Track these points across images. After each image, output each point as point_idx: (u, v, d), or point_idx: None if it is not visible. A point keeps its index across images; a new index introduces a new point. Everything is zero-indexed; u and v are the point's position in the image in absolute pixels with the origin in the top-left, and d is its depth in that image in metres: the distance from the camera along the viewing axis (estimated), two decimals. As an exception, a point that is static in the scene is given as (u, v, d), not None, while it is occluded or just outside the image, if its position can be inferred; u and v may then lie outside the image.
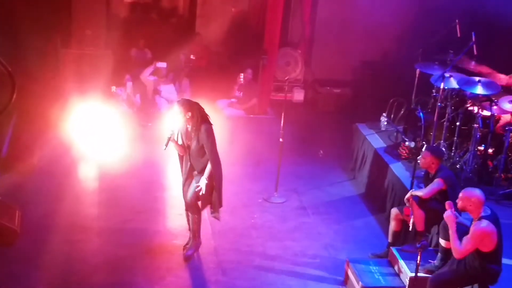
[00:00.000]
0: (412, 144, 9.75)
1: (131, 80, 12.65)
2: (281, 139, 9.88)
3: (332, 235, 9.11)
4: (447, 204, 6.92)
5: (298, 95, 14.21)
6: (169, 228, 8.84)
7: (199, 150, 7.75)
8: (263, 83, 13.13)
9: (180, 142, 7.88)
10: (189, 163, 7.97)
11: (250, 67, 13.07)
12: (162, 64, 12.76)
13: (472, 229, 6.64)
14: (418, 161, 8.35)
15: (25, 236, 8.29)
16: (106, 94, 12.12)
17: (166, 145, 7.70)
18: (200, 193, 7.81)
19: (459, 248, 6.65)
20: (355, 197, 10.28)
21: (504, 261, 6.88)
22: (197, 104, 7.73)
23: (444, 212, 7.52)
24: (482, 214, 6.70)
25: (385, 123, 10.86)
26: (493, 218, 6.70)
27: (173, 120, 7.74)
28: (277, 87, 13.57)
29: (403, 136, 10.16)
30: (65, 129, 10.99)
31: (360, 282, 7.56)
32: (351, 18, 13.64)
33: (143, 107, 12.63)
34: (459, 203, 6.79)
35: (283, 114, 9.79)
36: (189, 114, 7.63)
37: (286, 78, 10.55)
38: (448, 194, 7.76)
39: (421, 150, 9.11)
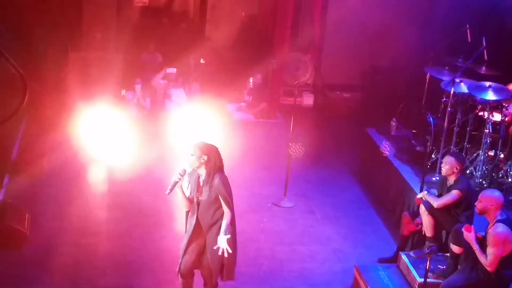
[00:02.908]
0: (421, 149, 9.71)
1: (141, 84, 12.67)
2: (290, 144, 9.87)
3: (341, 239, 9.09)
4: (467, 228, 6.89)
5: (308, 100, 14.19)
6: (178, 232, 8.83)
7: (212, 204, 6.49)
8: (272, 87, 13.13)
9: (187, 194, 6.65)
10: (194, 220, 6.63)
11: (259, 71, 13.07)
12: (172, 70, 12.81)
13: (491, 236, 6.62)
14: (428, 166, 8.31)
15: (34, 239, 8.34)
16: (116, 98, 12.14)
17: (171, 190, 6.52)
18: (225, 254, 6.47)
19: (488, 262, 6.64)
20: (364, 202, 10.25)
21: None
22: (215, 148, 6.54)
23: (454, 218, 7.52)
24: (498, 217, 6.69)
25: (395, 128, 10.81)
26: (508, 222, 6.68)
27: (182, 164, 6.63)
28: (287, 92, 13.54)
29: (413, 141, 10.12)
30: (74, 132, 11.01)
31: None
32: (361, 22, 13.61)
33: (153, 111, 12.64)
34: (479, 205, 6.81)
35: (292, 118, 9.79)
36: (205, 157, 6.41)
37: (295, 83, 10.53)
38: (462, 205, 7.72)
39: (431, 156, 9.10)
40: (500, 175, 9.18)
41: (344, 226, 9.44)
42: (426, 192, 8.11)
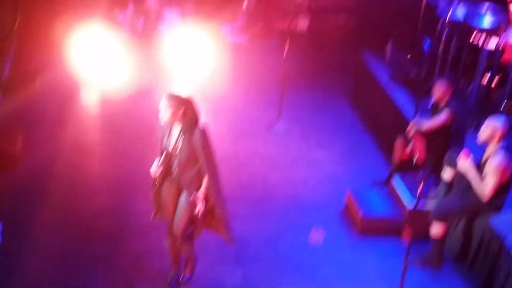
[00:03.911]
0: (416, 74, 9.66)
1: (133, 4, 12.42)
2: (284, 67, 9.79)
3: (334, 164, 9.11)
4: (465, 152, 6.87)
5: (303, 23, 13.98)
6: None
7: (188, 159, 6.03)
8: (267, 9, 12.91)
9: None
10: (171, 176, 6.21)
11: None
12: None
13: (493, 165, 6.59)
14: (422, 92, 8.28)
15: (27, 161, 8.36)
16: (109, 19, 11.93)
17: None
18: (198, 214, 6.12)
19: (486, 190, 6.65)
20: (358, 126, 10.23)
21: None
22: (191, 100, 6.05)
23: (445, 142, 7.52)
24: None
25: (390, 52, 10.71)
26: (509, 150, 6.67)
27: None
28: (282, 15, 13.31)
29: (407, 66, 10.04)
30: (66, 53, 10.86)
31: (360, 211, 7.59)
32: None
33: (146, 32, 12.44)
34: (486, 132, 6.73)
35: (287, 42, 9.67)
36: (182, 110, 5.95)
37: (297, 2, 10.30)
38: (453, 127, 7.72)
39: (426, 81, 9.05)
40: (492, 102, 9.15)
41: (337, 151, 9.45)
42: (415, 119, 8.11)
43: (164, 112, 5.94)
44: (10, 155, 8.27)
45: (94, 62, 10.82)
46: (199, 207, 6.06)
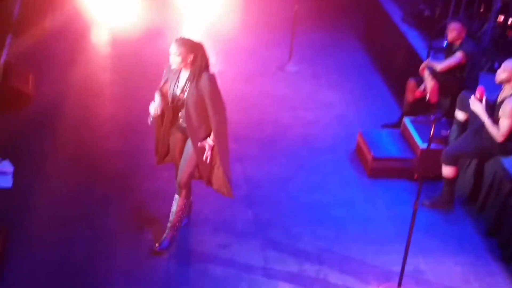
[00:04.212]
0: (430, 14, 9.52)
1: None
2: (296, 6, 9.67)
3: (345, 105, 9.07)
4: (480, 89, 6.80)
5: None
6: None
7: (195, 106, 5.81)
8: None
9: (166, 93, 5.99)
10: (174, 121, 6.06)
11: None
12: None
13: (508, 107, 6.50)
14: (436, 32, 8.17)
15: (38, 100, 8.37)
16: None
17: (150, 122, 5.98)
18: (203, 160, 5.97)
19: (500, 133, 6.61)
20: (369, 67, 10.15)
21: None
22: (202, 45, 5.82)
23: (459, 82, 7.45)
24: None
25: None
26: None
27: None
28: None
29: (421, 5, 9.89)
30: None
31: (371, 152, 7.59)
32: None
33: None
34: (504, 74, 6.59)
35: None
36: (191, 56, 5.74)
37: None
38: (467, 68, 7.65)
39: (440, 21, 8.92)
40: (507, 43, 9.03)
41: (348, 91, 9.40)
42: (428, 59, 8.03)
43: (174, 57, 5.75)
44: (22, 94, 8.28)
45: (104, 2, 10.74)
46: (207, 153, 5.95)
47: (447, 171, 6.99)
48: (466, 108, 7.05)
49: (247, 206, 7.01)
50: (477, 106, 6.74)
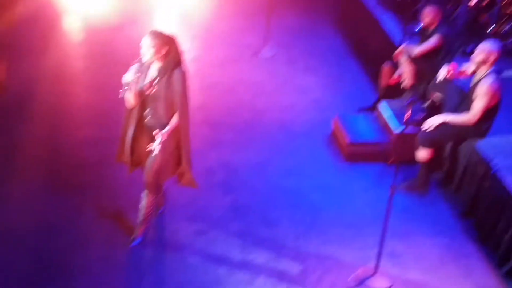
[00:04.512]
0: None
1: None
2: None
3: (321, 89, 9.08)
4: (453, 65, 6.83)
5: None
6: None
7: (164, 99, 5.69)
8: None
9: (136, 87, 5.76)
10: (141, 115, 5.88)
11: None
12: None
13: (484, 86, 6.54)
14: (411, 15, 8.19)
15: (10, 87, 8.27)
16: None
17: (124, 92, 5.74)
18: (154, 154, 5.78)
19: (473, 112, 6.64)
20: (345, 52, 10.16)
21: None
22: (175, 39, 5.66)
23: (434, 66, 7.47)
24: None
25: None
26: (499, 72, 6.63)
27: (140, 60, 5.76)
28: None
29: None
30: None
31: (347, 137, 7.60)
32: None
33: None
34: (481, 56, 6.61)
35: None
36: (165, 50, 5.61)
37: None
38: (442, 52, 7.68)
39: (413, 4, 8.93)
40: (481, 25, 9.07)
41: (324, 76, 9.40)
42: (405, 44, 8.04)
43: (146, 50, 5.59)
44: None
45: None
46: (158, 144, 5.71)
47: (422, 154, 7.02)
48: (442, 89, 7.08)
49: (224, 193, 6.99)
50: (438, 118, 6.84)
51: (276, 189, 7.13)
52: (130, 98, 5.76)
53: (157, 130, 5.74)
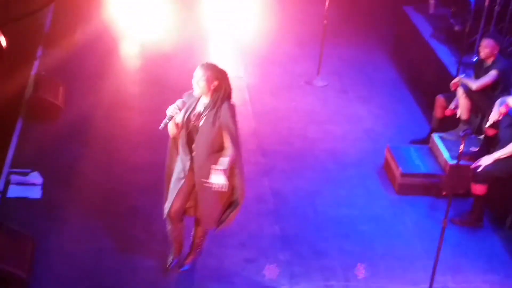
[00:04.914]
0: (460, 28, 9.45)
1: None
2: (325, 21, 9.66)
3: (373, 119, 9.04)
4: (506, 106, 6.78)
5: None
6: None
7: (211, 134, 5.61)
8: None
9: (179, 119, 5.76)
10: (189, 161, 5.78)
11: None
12: None
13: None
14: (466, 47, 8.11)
15: (68, 112, 8.44)
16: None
17: (165, 125, 5.75)
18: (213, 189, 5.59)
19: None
20: (398, 82, 10.10)
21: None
22: (227, 73, 5.63)
23: (491, 100, 7.38)
24: None
25: (433, 5, 10.50)
26: None
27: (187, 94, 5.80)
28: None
29: (451, 20, 9.83)
30: (107, 5, 10.88)
31: (399, 168, 7.54)
32: None
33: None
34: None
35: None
36: (216, 83, 5.57)
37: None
38: (499, 86, 7.59)
39: (470, 36, 8.85)
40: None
41: (377, 106, 9.37)
42: (463, 75, 7.97)
43: (198, 82, 5.58)
44: (52, 106, 8.36)
45: (133, 15, 10.83)
46: (225, 183, 5.54)
47: (477, 188, 6.92)
48: (495, 125, 6.99)
49: (274, 221, 6.99)
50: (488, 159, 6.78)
51: (326, 219, 7.11)
52: (172, 129, 5.79)
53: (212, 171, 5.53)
